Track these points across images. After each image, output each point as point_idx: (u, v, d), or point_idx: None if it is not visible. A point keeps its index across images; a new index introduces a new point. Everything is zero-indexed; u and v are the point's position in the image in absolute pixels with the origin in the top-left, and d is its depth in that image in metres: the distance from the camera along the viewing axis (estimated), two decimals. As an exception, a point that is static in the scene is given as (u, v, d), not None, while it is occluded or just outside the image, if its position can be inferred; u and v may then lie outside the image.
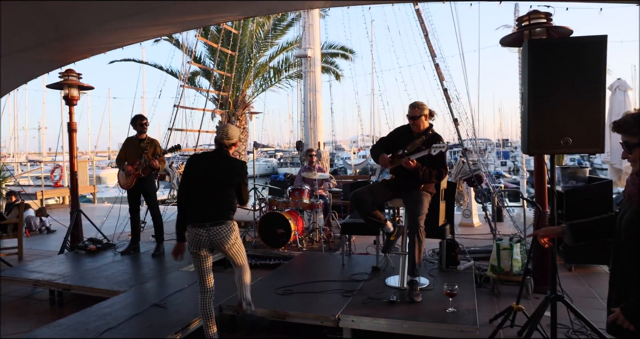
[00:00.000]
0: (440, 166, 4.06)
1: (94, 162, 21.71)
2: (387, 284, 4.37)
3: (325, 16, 11.29)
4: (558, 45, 3.03)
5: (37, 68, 6.59)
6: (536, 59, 2.97)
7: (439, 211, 4.69)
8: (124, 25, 5.46)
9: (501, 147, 45.38)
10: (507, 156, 41.60)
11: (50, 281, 4.75)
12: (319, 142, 8.52)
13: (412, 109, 4.16)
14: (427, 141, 4.07)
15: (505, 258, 4.49)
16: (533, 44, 3.02)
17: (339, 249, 6.07)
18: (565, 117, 2.94)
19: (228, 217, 3.38)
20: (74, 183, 7.04)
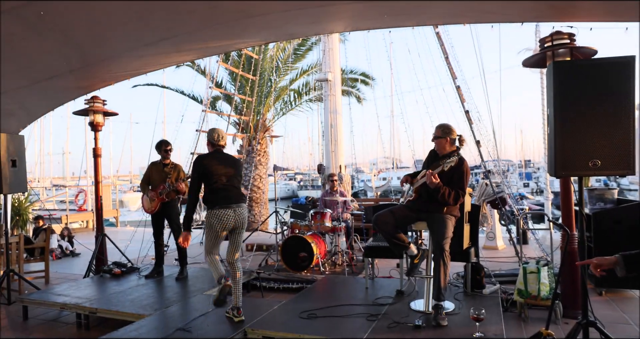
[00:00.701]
0: (457, 187, 4.05)
1: (116, 186, 22.06)
2: (412, 308, 4.33)
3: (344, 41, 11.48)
4: (584, 66, 3.04)
5: (63, 95, 6.77)
6: (561, 80, 2.98)
7: (464, 234, 4.66)
8: (148, 52, 5.63)
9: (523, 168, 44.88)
10: (529, 177, 41.11)
11: (77, 305, 4.81)
12: (340, 165, 8.55)
13: (436, 129, 4.24)
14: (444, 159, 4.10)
15: (532, 282, 4.41)
16: (558, 66, 3.04)
17: (362, 273, 6.04)
18: (593, 138, 2.93)
19: (244, 199, 4.31)
20: (99, 207, 7.16)
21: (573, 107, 3.01)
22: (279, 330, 3.81)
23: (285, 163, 44.55)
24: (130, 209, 23.40)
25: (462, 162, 4.09)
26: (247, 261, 7.10)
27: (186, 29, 4.93)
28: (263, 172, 13.50)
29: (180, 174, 6.10)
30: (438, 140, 4.22)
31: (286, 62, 13.36)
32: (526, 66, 4.82)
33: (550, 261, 4.70)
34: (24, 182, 6.03)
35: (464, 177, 4.07)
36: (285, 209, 7.84)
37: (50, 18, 4.21)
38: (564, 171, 3.07)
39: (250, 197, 12.78)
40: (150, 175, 6.17)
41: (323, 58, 8.85)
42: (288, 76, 13.95)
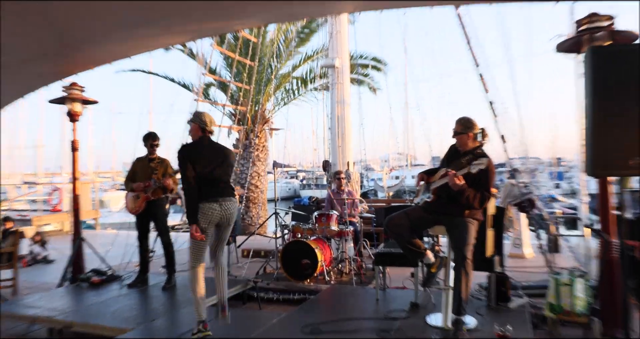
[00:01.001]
0: (484, 188, 4.03)
1: (96, 183, 22.13)
2: (428, 323, 4.33)
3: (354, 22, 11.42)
4: (625, 51, 3.01)
5: (36, 81, 6.78)
6: (600, 67, 2.95)
7: (487, 240, 4.64)
8: (134, 35, 5.63)
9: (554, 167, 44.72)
10: (561, 176, 40.95)
11: (49, 318, 4.82)
12: (347, 162, 8.53)
13: (456, 124, 4.22)
14: (471, 159, 4.06)
15: (565, 295, 4.38)
16: (596, 51, 3.01)
17: (372, 283, 6.03)
18: (635, 133, 2.90)
19: (233, 194, 4.36)
20: (76, 208, 7.18)
21: (614, 97, 2.98)
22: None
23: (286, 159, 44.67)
24: (112, 210, 23.45)
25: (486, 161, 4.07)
26: (242, 269, 7.11)
27: (176, 8, 4.91)
28: (262, 169, 13.51)
29: (167, 169, 6.11)
30: (459, 136, 4.20)
31: (289, 46, 13.35)
32: (560, 51, 4.79)
33: (585, 272, 4.67)
34: (-9, 178, 6.05)
35: (491, 177, 4.04)
36: (286, 211, 7.83)
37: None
38: (602, 170, 3.05)
39: (247, 197, 12.79)
40: (134, 171, 6.17)
41: (330, 42, 8.82)
42: (290, 62, 13.97)
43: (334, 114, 8.64)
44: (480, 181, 4.00)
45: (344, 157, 8.53)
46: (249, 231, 10.70)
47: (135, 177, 6.13)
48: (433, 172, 4.43)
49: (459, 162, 4.11)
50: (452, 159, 4.28)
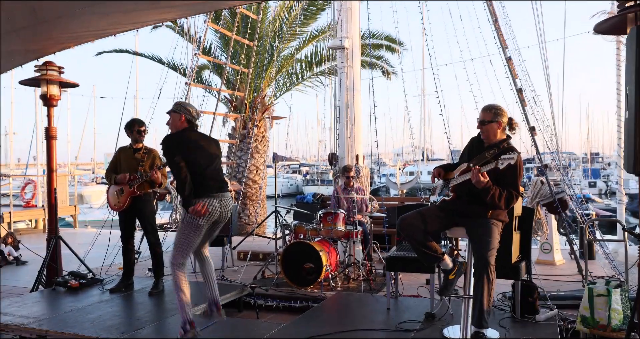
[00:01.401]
0: (511, 187, 4.00)
1: (75, 176, 22.21)
2: (445, 335, 4.34)
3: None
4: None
5: (6, 60, 6.78)
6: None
7: (512, 244, 4.64)
8: (117, 9, 5.61)
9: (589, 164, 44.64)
10: (596, 174, 40.92)
11: (21, 326, 4.83)
12: (357, 156, 8.52)
13: (483, 112, 4.18)
14: (498, 154, 4.01)
15: (600, 307, 4.38)
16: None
17: (383, 290, 6.05)
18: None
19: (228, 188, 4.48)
20: (52, 203, 7.20)
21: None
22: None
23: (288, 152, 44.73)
24: (93, 206, 23.56)
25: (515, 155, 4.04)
26: (238, 273, 7.13)
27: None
28: (261, 162, 13.53)
29: (155, 161, 6.11)
30: (488, 125, 4.15)
31: (292, 24, 13.32)
32: (599, 32, 4.74)
33: (624, 282, 4.67)
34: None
35: (519, 173, 4.01)
36: (288, 209, 7.85)
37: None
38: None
39: (245, 193, 12.82)
40: (118, 163, 6.17)
41: (338, 20, 8.77)
42: (294, 42, 13.95)
43: (342, 102, 8.61)
44: (508, 178, 3.96)
45: (352, 150, 8.50)
46: (246, 231, 10.75)
47: (119, 169, 6.11)
48: (451, 168, 4.41)
49: (482, 156, 4.08)
50: (474, 153, 4.25)
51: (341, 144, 8.54)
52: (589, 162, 45.63)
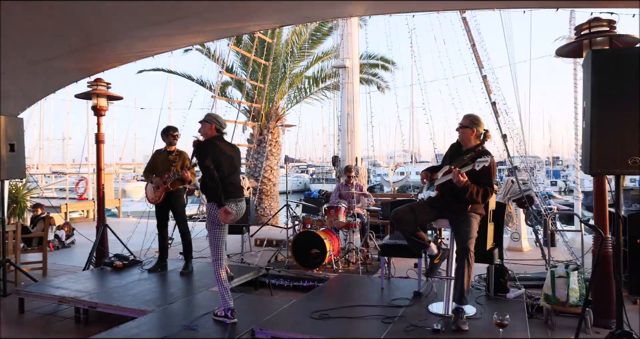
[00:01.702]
0: (486, 184, 4.00)
1: (119, 174, 22.25)
2: (430, 311, 4.32)
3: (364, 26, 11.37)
4: (626, 55, 2.97)
5: (65, 77, 6.80)
6: (601, 70, 2.92)
7: (487, 234, 4.62)
8: (155, 33, 5.62)
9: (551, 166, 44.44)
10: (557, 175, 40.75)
11: (75, 298, 4.86)
12: (356, 158, 8.52)
13: (464, 118, 4.21)
14: (475, 157, 4.02)
15: (560, 287, 4.35)
16: (597, 55, 2.97)
17: (378, 272, 6.03)
18: (633, 134, 2.86)
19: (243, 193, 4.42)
20: (100, 196, 7.23)
21: (612, 99, 2.95)
22: (288, 330, 3.82)
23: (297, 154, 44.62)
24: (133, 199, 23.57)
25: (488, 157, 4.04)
26: (255, 257, 7.13)
27: (195, 9, 4.91)
28: (274, 163, 13.51)
29: (185, 162, 6.10)
30: (464, 129, 4.17)
31: (301, 47, 13.31)
32: (560, 55, 4.74)
33: (580, 265, 4.64)
34: (22, 168, 6.08)
35: (493, 173, 4.01)
36: (297, 203, 7.83)
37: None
38: (600, 168, 3.02)
39: (261, 189, 12.81)
40: (154, 163, 6.19)
41: (341, 43, 8.79)
42: (303, 62, 13.93)
43: (343, 112, 8.62)
44: (483, 177, 3.97)
45: (352, 153, 8.51)
46: (262, 222, 10.72)
47: (155, 168, 6.14)
48: (436, 169, 4.42)
49: (461, 159, 4.08)
50: (454, 156, 4.25)
51: (342, 148, 8.56)
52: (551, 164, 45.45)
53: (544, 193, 9.61)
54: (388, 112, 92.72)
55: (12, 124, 5.81)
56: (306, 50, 13.38)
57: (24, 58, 5.71)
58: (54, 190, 20.25)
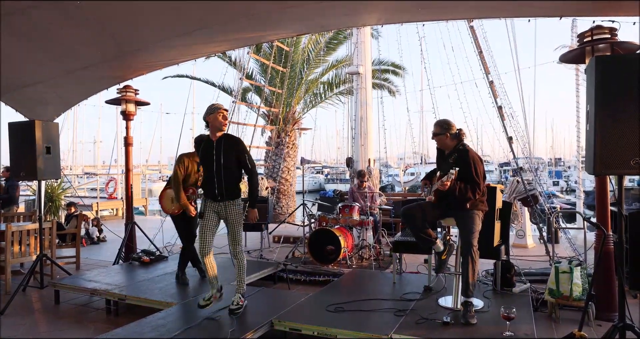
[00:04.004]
0: (471, 181, 3.94)
1: (146, 175, 22.45)
2: (440, 304, 4.29)
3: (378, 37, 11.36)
4: (628, 61, 2.94)
5: (97, 84, 6.91)
6: (604, 75, 2.89)
7: (494, 231, 4.59)
8: (181, 43, 5.69)
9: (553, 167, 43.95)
10: (559, 175, 40.29)
11: (106, 291, 4.92)
12: (369, 159, 8.51)
13: (435, 126, 4.19)
14: (457, 158, 4.02)
15: (564, 282, 4.31)
16: (600, 60, 2.94)
17: (389, 267, 6.02)
18: (635, 136, 2.83)
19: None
20: (129, 196, 7.30)
21: (615, 103, 2.91)
22: (306, 322, 3.82)
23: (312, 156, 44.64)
24: (159, 199, 23.72)
25: (466, 153, 4.01)
26: (273, 253, 7.15)
27: (219, 20, 4.96)
28: (291, 164, 13.54)
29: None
30: (438, 137, 4.16)
31: (317, 55, 13.33)
32: (563, 62, 4.70)
33: (583, 261, 4.59)
34: (57, 169, 6.17)
35: (473, 169, 3.94)
36: (313, 202, 7.84)
37: (87, 8, 4.28)
38: (603, 169, 2.98)
39: (278, 189, 12.85)
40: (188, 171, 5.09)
41: (355, 51, 8.80)
42: (318, 69, 13.94)
43: (357, 116, 8.62)
44: (467, 174, 3.93)
45: (365, 155, 8.51)
46: (279, 220, 10.75)
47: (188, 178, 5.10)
48: (432, 174, 4.47)
49: (447, 163, 4.08)
50: (441, 159, 4.28)
51: (356, 150, 8.56)
52: (554, 165, 44.95)
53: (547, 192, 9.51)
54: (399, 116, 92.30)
55: (48, 128, 5.89)
56: (322, 57, 13.41)
57: (61, 67, 5.82)
58: (85, 190, 20.51)
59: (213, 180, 3.98)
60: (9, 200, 8.86)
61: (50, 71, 5.89)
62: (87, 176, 25.27)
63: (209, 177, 4.02)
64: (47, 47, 5.19)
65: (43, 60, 5.54)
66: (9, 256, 5.76)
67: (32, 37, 4.88)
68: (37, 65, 5.68)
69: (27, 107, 6.71)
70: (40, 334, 4.31)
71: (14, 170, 5.91)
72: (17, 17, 4.34)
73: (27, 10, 4.20)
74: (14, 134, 5.78)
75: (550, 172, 39.19)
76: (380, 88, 14.29)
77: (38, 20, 4.46)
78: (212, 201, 4.06)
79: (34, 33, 4.78)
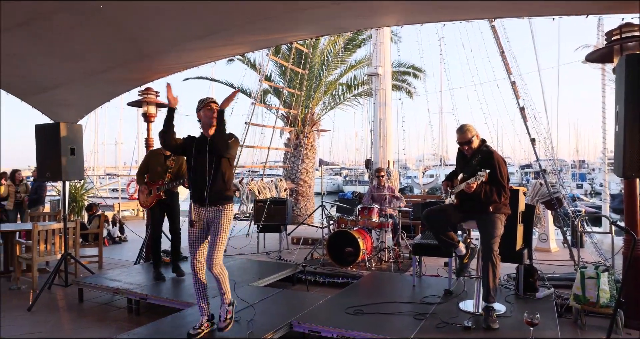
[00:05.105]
0: (497, 184, 3.86)
1: (166, 176, 22.66)
2: (461, 308, 4.22)
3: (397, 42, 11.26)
4: (661, 59, 2.84)
5: (118, 87, 6.98)
6: (634, 75, 2.79)
7: (516, 234, 4.50)
8: (200, 46, 5.72)
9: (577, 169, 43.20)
10: (583, 178, 39.57)
11: (128, 290, 4.97)
12: (388, 161, 8.46)
13: (462, 134, 4.03)
14: (482, 159, 3.93)
15: (590, 288, 4.20)
16: (632, 59, 2.84)
17: (409, 270, 5.95)
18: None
19: None
20: (150, 196, 7.34)
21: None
22: (324, 324, 3.79)
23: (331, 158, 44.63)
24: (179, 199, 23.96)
25: (491, 155, 3.92)
26: (292, 254, 7.13)
27: (237, 22, 4.96)
28: (310, 166, 13.53)
29: (182, 166, 5.63)
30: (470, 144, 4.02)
31: (336, 56, 13.31)
32: (589, 61, 4.58)
33: (610, 267, 4.46)
34: (81, 170, 6.24)
35: (499, 171, 3.86)
36: (332, 204, 7.81)
37: (107, 12, 4.32)
38: (633, 171, 2.88)
39: (297, 190, 12.85)
40: (148, 164, 5.69)
41: (374, 52, 8.75)
42: (337, 70, 13.92)
43: (376, 117, 8.57)
44: (492, 178, 3.84)
45: (384, 157, 8.46)
46: (298, 221, 10.74)
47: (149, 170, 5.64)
48: (452, 176, 4.37)
49: (471, 164, 3.99)
50: (463, 164, 4.16)
51: (375, 152, 8.50)
52: (577, 167, 44.17)
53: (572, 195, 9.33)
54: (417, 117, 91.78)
55: (72, 130, 5.96)
56: (340, 59, 13.38)
57: (83, 70, 5.89)
58: (107, 190, 20.81)
59: (204, 178, 3.57)
60: (37, 200, 9.05)
61: (72, 74, 5.96)
62: (108, 177, 25.65)
63: (200, 176, 3.60)
64: (68, 51, 5.26)
65: (65, 63, 5.61)
66: (36, 255, 5.85)
67: (54, 41, 4.95)
68: (59, 68, 5.76)
69: (52, 110, 6.81)
70: (65, 332, 4.37)
71: (40, 171, 6.01)
72: (39, 22, 4.40)
73: (49, 15, 4.26)
74: (41, 135, 5.88)
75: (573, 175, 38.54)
76: (399, 89, 14.21)
77: (60, 25, 4.52)
78: (199, 206, 3.63)
79: (56, 37, 4.85)
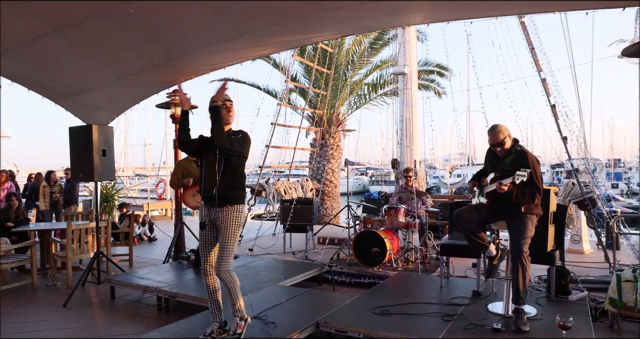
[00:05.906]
0: (532, 185, 3.77)
1: (194, 176, 22.96)
2: (489, 310, 4.17)
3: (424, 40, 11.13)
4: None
5: (148, 89, 7.11)
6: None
7: (548, 235, 4.42)
8: (227, 47, 5.78)
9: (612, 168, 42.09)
10: (619, 177, 38.52)
11: (158, 288, 5.08)
12: (415, 161, 8.40)
13: (495, 135, 3.95)
14: (515, 159, 3.86)
15: (628, 291, 4.08)
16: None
17: (436, 271, 5.90)
18: None
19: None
20: (178, 197, 7.48)
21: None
22: (351, 325, 3.80)
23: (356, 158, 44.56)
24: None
25: (525, 155, 3.84)
26: (318, 254, 7.16)
27: (263, 23, 5.00)
28: (335, 166, 13.54)
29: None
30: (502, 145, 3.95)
31: (361, 56, 13.28)
32: (625, 56, 4.45)
33: (647, 269, 4.32)
34: (112, 171, 6.39)
35: (532, 169, 3.76)
36: (358, 204, 7.80)
37: (138, 16, 4.43)
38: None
39: (323, 190, 12.88)
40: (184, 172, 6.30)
41: (400, 51, 8.70)
42: (362, 70, 13.89)
43: (402, 117, 8.53)
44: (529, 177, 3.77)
45: (411, 156, 8.40)
46: (324, 221, 10.76)
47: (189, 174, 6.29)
48: (479, 175, 4.33)
49: (504, 164, 3.93)
50: (495, 163, 4.09)
51: (402, 151, 8.45)
52: (612, 166, 43.01)
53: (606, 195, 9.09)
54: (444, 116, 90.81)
55: (103, 132, 6.11)
56: (366, 58, 13.34)
57: (115, 73, 6.03)
58: (137, 191, 21.22)
59: (213, 178, 3.52)
60: (71, 200, 9.32)
61: (103, 78, 6.11)
62: (137, 178, 26.16)
63: (210, 176, 3.54)
64: (100, 55, 5.40)
65: (96, 67, 5.76)
66: (70, 253, 6.04)
67: (87, 46, 5.09)
68: (91, 72, 5.91)
69: (84, 113, 6.99)
70: (97, 328, 4.52)
71: (73, 172, 6.19)
72: (74, 28, 4.55)
73: (83, 21, 4.40)
74: (74, 137, 6.06)
75: (608, 174, 37.56)
76: (425, 89, 14.09)
77: (93, 31, 4.65)
78: (209, 207, 3.58)
79: (88, 42, 4.99)
